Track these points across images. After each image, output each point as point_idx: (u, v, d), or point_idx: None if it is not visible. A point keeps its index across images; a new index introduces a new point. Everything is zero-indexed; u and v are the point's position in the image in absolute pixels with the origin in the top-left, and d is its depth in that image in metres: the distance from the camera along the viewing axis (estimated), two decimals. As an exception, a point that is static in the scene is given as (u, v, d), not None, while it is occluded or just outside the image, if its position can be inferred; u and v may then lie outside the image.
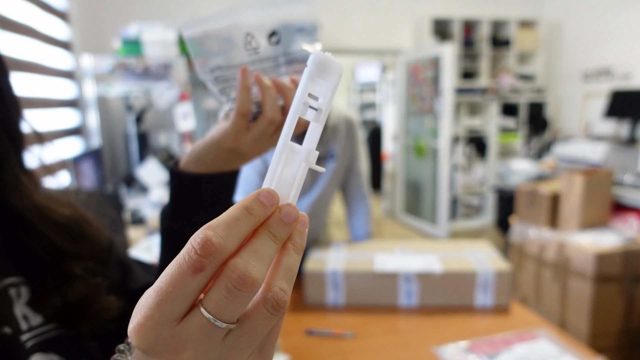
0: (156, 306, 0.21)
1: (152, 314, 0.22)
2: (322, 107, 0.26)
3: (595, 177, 2.08)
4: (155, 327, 0.22)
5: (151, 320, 0.22)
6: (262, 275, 0.23)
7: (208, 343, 0.22)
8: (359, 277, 1.24)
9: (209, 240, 0.21)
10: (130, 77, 2.58)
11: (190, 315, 0.22)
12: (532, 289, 2.28)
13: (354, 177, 1.52)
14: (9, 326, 0.38)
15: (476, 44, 4.41)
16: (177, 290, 0.21)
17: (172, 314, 0.22)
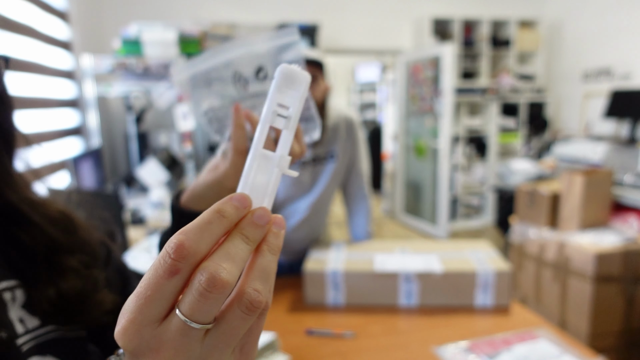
0: (137, 309, 0.23)
1: (134, 317, 0.23)
2: (291, 115, 0.28)
3: (595, 177, 2.08)
4: (138, 329, 0.23)
5: (134, 323, 0.23)
6: (234, 276, 0.23)
7: (187, 343, 0.23)
8: (359, 277, 1.24)
9: (181, 244, 0.22)
10: (130, 77, 2.58)
11: (169, 317, 0.23)
12: (532, 289, 2.28)
13: (355, 177, 1.52)
14: (4, 330, 0.38)
15: (476, 44, 4.41)
16: (155, 293, 0.23)
17: (152, 316, 0.23)
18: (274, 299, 1.31)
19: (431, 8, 4.33)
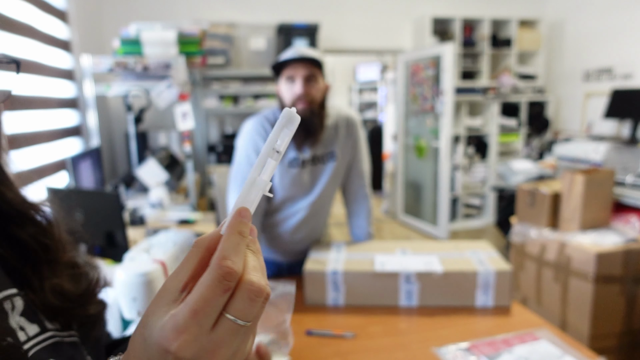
0: (196, 323, 0.28)
1: (192, 330, 0.28)
2: (280, 149, 0.34)
3: (596, 177, 2.07)
4: (196, 339, 0.28)
5: (192, 334, 0.28)
6: (267, 283, 0.31)
7: (235, 339, 0.30)
8: (359, 278, 1.23)
9: (231, 269, 0.29)
10: (130, 77, 2.57)
11: (219, 322, 0.29)
12: (532, 289, 2.27)
13: (355, 177, 1.51)
14: (11, 337, 0.38)
15: (477, 43, 4.41)
16: (210, 307, 0.29)
17: (207, 325, 0.29)
18: (273, 299, 1.31)
19: (431, 7, 4.32)
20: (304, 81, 1.29)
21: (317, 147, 1.39)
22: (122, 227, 1.38)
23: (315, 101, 1.32)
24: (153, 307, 0.31)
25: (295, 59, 1.29)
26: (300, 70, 1.29)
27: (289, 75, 1.31)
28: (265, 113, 1.41)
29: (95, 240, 1.41)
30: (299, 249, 1.51)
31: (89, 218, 1.40)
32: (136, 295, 1.07)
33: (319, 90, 1.34)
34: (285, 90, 1.33)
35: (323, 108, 1.36)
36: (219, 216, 2.34)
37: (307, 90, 1.30)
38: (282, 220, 1.45)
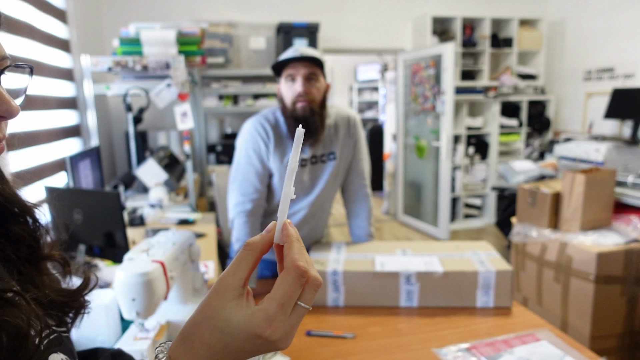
0: (282, 313, 0.37)
1: (280, 318, 0.37)
2: (296, 162, 0.41)
3: (597, 177, 2.07)
4: (282, 325, 0.38)
5: (280, 322, 0.37)
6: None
7: (301, 319, 0.39)
8: (359, 278, 1.23)
9: (305, 269, 0.38)
10: (129, 77, 2.57)
11: (294, 310, 0.38)
12: (533, 289, 2.27)
13: (356, 177, 1.51)
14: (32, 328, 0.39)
15: (477, 43, 4.40)
16: (292, 299, 0.38)
17: (288, 313, 0.38)
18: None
19: (432, 7, 4.32)
20: (304, 80, 1.29)
21: (317, 146, 1.39)
22: (122, 228, 1.37)
23: (316, 100, 1.32)
24: (221, 302, 0.38)
25: (296, 59, 1.28)
26: (301, 70, 1.29)
27: (290, 74, 1.31)
28: (264, 113, 1.40)
29: (94, 241, 1.41)
30: None
31: (88, 218, 1.39)
32: (135, 296, 1.06)
33: (320, 89, 1.33)
34: (285, 90, 1.33)
35: (323, 107, 1.36)
36: (219, 216, 2.33)
37: (308, 89, 1.30)
38: None
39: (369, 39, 4.29)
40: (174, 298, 1.16)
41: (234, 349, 0.37)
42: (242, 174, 1.38)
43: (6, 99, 0.39)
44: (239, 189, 1.37)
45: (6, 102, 0.39)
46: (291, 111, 1.32)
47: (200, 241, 1.93)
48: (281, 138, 1.36)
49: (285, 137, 1.36)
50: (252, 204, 1.35)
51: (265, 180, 1.38)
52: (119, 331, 1.10)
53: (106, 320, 1.05)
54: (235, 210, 1.36)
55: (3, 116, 0.40)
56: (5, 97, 0.39)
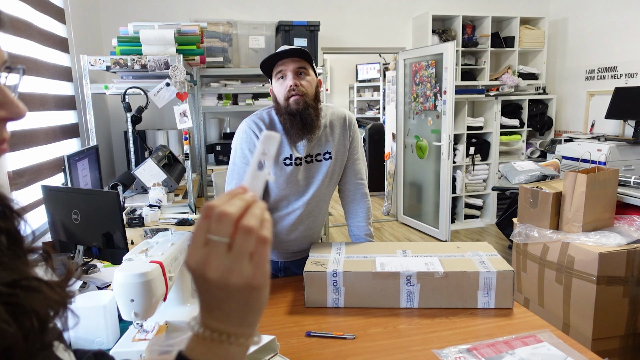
0: (193, 242, 0.41)
1: (191, 247, 0.41)
2: (271, 155, 0.46)
3: (599, 177, 2.05)
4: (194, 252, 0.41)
5: (191, 249, 0.41)
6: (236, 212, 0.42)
7: (221, 255, 0.40)
8: (359, 279, 1.22)
9: (210, 204, 0.41)
10: (128, 76, 2.56)
11: (207, 242, 0.41)
12: (535, 290, 2.25)
13: (352, 176, 1.50)
14: None
15: (478, 42, 4.38)
16: (199, 230, 0.42)
17: (199, 243, 0.41)
18: (272, 300, 1.30)
19: (433, 6, 4.30)
20: (294, 74, 1.30)
21: (312, 145, 1.38)
22: (120, 228, 1.36)
23: (309, 94, 1.32)
24: None
25: (283, 53, 1.28)
26: (290, 65, 1.30)
27: (279, 71, 1.31)
28: (258, 113, 1.40)
29: (92, 241, 1.40)
30: (295, 249, 1.49)
31: (87, 219, 1.38)
32: (134, 297, 1.06)
33: (311, 82, 1.33)
34: (277, 87, 1.33)
35: (317, 101, 1.35)
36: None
37: (299, 82, 1.30)
38: (278, 219, 1.44)
39: (369, 38, 4.28)
40: (172, 299, 1.15)
41: (217, 300, 0.41)
42: (238, 173, 1.37)
43: (14, 101, 0.40)
44: (236, 183, 1.36)
45: (15, 105, 0.40)
46: (285, 107, 1.31)
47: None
48: None
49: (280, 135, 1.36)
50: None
51: None
52: (117, 332, 1.09)
53: (105, 321, 1.04)
54: None
55: (11, 118, 0.41)
56: (13, 100, 0.40)
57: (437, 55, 3.95)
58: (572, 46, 4.39)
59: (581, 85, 4.29)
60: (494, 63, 4.62)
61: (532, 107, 4.48)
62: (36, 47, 2.08)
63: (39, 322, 0.35)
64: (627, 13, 3.81)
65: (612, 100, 3.66)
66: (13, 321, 0.33)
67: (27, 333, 0.33)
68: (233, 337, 0.41)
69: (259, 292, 0.42)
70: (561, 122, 4.58)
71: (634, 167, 3.29)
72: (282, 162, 1.36)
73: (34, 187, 1.88)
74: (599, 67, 4.09)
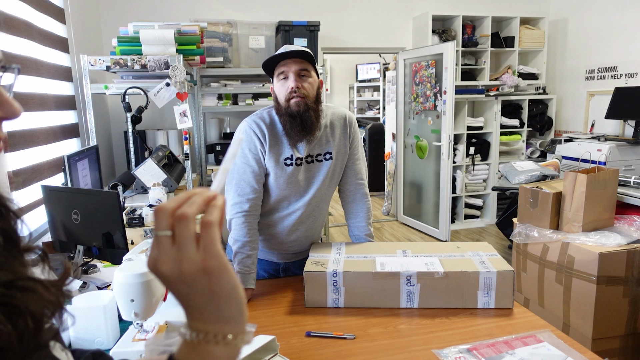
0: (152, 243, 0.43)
1: (153, 251, 0.42)
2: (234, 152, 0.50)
3: (599, 177, 2.05)
4: (150, 251, 0.42)
5: (150, 250, 0.42)
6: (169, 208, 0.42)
7: (163, 249, 0.41)
8: (359, 279, 1.22)
9: (159, 206, 0.42)
10: (128, 76, 2.56)
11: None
12: (535, 290, 2.25)
13: (353, 177, 1.50)
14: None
15: (478, 42, 4.38)
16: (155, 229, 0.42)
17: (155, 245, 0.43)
18: (272, 300, 1.30)
19: (433, 6, 4.30)
20: (296, 76, 1.29)
21: (312, 146, 1.38)
22: (120, 228, 1.36)
23: (310, 95, 1.32)
24: None
25: (286, 55, 1.28)
26: (292, 66, 1.29)
27: (281, 72, 1.31)
28: (259, 113, 1.39)
29: (92, 242, 1.40)
30: (295, 249, 1.49)
31: (87, 219, 1.38)
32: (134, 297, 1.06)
33: (312, 84, 1.33)
34: (278, 88, 1.33)
35: (318, 102, 1.35)
36: (219, 216, 2.32)
37: (301, 84, 1.29)
38: (278, 220, 1.44)
39: (369, 38, 4.27)
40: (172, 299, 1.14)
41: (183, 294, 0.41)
42: (238, 174, 1.37)
43: (9, 100, 0.41)
44: (236, 189, 1.36)
45: (10, 104, 0.41)
46: (285, 108, 1.31)
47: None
48: (277, 137, 1.36)
49: (280, 136, 1.36)
50: (250, 203, 1.34)
51: (261, 179, 1.37)
52: (117, 332, 1.09)
53: (105, 321, 1.04)
54: (232, 211, 1.35)
55: (6, 117, 0.41)
56: (8, 99, 0.41)
57: (437, 55, 3.94)
58: (572, 46, 4.39)
59: (581, 85, 4.28)
60: (494, 63, 4.61)
61: (532, 107, 4.47)
62: (36, 47, 2.08)
63: (34, 323, 0.35)
64: (627, 13, 3.81)
65: (612, 100, 3.66)
66: (7, 321, 0.33)
67: (21, 333, 0.33)
68: (212, 335, 0.40)
69: (218, 277, 0.41)
70: (561, 122, 4.58)
71: (634, 167, 3.29)
72: (282, 162, 1.36)
73: (34, 187, 1.88)
74: (599, 67, 4.09)
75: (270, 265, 1.52)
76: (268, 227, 1.45)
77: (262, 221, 1.42)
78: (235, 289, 0.42)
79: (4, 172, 1.62)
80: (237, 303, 0.42)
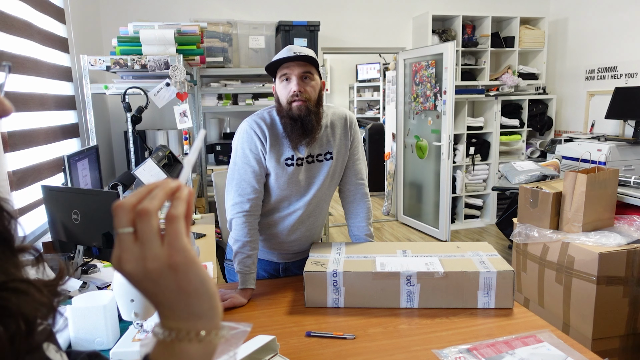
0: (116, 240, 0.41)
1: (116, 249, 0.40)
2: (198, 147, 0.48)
3: (599, 177, 2.05)
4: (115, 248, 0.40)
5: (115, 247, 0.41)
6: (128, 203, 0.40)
7: (127, 246, 0.39)
8: (359, 279, 1.22)
9: (118, 203, 0.40)
10: (128, 76, 2.56)
11: None
12: (535, 290, 2.25)
13: (353, 177, 1.50)
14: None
15: (478, 42, 4.38)
16: (116, 225, 0.40)
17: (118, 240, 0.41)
18: (272, 300, 1.30)
19: (433, 6, 4.30)
20: (299, 79, 1.29)
21: (313, 146, 1.38)
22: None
23: (312, 99, 1.31)
24: None
25: (290, 58, 1.28)
26: (295, 69, 1.29)
27: (284, 74, 1.30)
28: (259, 113, 1.39)
29: (92, 241, 1.40)
30: (296, 249, 1.49)
31: (87, 219, 1.38)
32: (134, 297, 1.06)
33: (315, 87, 1.33)
34: (280, 89, 1.33)
35: (319, 106, 1.35)
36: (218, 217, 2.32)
37: (303, 88, 1.29)
38: (279, 220, 1.44)
39: (369, 38, 4.27)
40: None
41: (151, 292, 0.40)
42: (239, 174, 1.37)
43: (0, 99, 0.40)
44: (237, 189, 1.36)
45: (1, 103, 0.40)
46: (287, 110, 1.31)
47: (199, 242, 1.93)
48: (277, 137, 1.36)
49: (281, 136, 1.36)
50: (250, 203, 1.34)
51: (262, 179, 1.37)
52: (117, 332, 1.09)
53: (105, 321, 1.04)
54: (233, 211, 1.35)
55: None
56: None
57: (437, 55, 3.94)
58: (572, 46, 4.39)
59: (581, 85, 4.28)
60: (494, 63, 4.61)
61: (532, 107, 4.47)
62: (36, 47, 2.07)
63: (25, 325, 0.35)
64: (627, 13, 3.81)
65: (612, 100, 3.66)
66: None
67: (12, 335, 0.33)
68: (184, 332, 0.39)
69: (184, 273, 0.39)
70: (561, 122, 4.58)
71: (634, 167, 3.29)
72: (283, 162, 1.36)
73: (34, 187, 1.88)
74: (599, 67, 4.09)
75: (270, 265, 1.52)
76: (268, 227, 1.45)
77: (262, 221, 1.43)
78: (205, 284, 0.40)
79: (4, 172, 1.62)
80: (208, 298, 0.41)
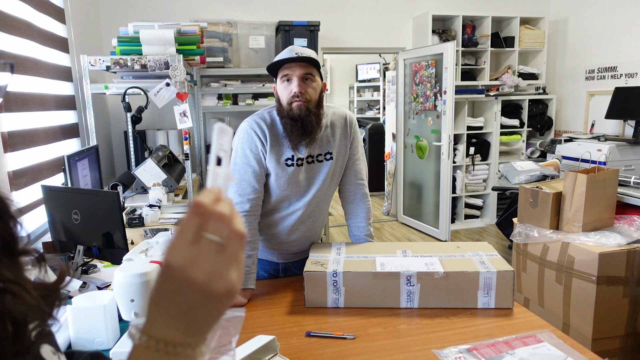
0: (178, 237, 0.39)
1: (176, 242, 0.38)
2: (227, 150, 0.43)
3: (599, 177, 2.05)
4: (179, 249, 0.38)
5: (175, 245, 0.38)
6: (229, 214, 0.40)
7: (212, 256, 0.38)
8: (359, 279, 1.22)
9: (198, 201, 0.39)
10: (128, 76, 2.56)
11: (200, 240, 0.39)
12: (535, 290, 2.25)
13: (353, 177, 1.50)
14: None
15: (478, 42, 4.38)
16: (188, 226, 0.38)
17: (187, 239, 0.38)
18: (272, 300, 1.30)
19: (433, 6, 4.30)
20: (300, 80, 1.29)
21: (313, 146, 1.38)
22: (120, 228, 1.36)
23: (312, 100, 1.31)
24: None
25: (291, 59, 1.28)
26: (297, 70, 1.29)
27: (285, 74, 1.30)
28: (260, 113, 1.40)
29: (92, 242, 1.40)
30: (296, 249, 1.49)
31: (87, 219, 1.38)
32: (134, 297, 1.06)
33: (316, 88, 1.33)
34: (281, 90, 1.33)
35: (320, 106, 1.35)
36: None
37: (304, 89, 1.29)
38: (279, 220, 1.44)
39: (369, 38, 4.27)
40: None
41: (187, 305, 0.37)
42: (239, 174, 1.37)
43: None
44: (237, 190, 1.36)
45: None
46: (287, 111, 1.31)
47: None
48: (277, 137, 1.36)
49: (281, 136, 1.36)
50: (250, 203, 1.34)
51: (262, 179, 1.37)
52: (117, 332, 1.09)
53: (105, 321, 1.04)
54: None
55: None
56: None
57: (437, 55, 3.94)
58: (572, 46, 4.38)
59: (581, 85, 4.28)
60: (494, 63, 4.61)
61: (532, 107, 4.47)
62: (36, 47, 2.07)
63: (13, 327, 0.34)
64: (627, 13, 3.81)
65: (612, 100, 3.66)
66: None
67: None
68: (180, 347, 0.38)
69: (224, 305, 0.39)
70: (561, 122, 4.58)
71: (634, 167, 3.29)
72: (283, 162, 1.36)
73: (34, 187, 1.88)
74: (599, 67, 4.09)
75: (270, 265, 1.52)
76: (268, 227, 1.45)
77: (262, 221, 1.43)
78: (221, 316, 0.40)
79: (4, 172, 1.62)
80: (214, 326, 0.41)
